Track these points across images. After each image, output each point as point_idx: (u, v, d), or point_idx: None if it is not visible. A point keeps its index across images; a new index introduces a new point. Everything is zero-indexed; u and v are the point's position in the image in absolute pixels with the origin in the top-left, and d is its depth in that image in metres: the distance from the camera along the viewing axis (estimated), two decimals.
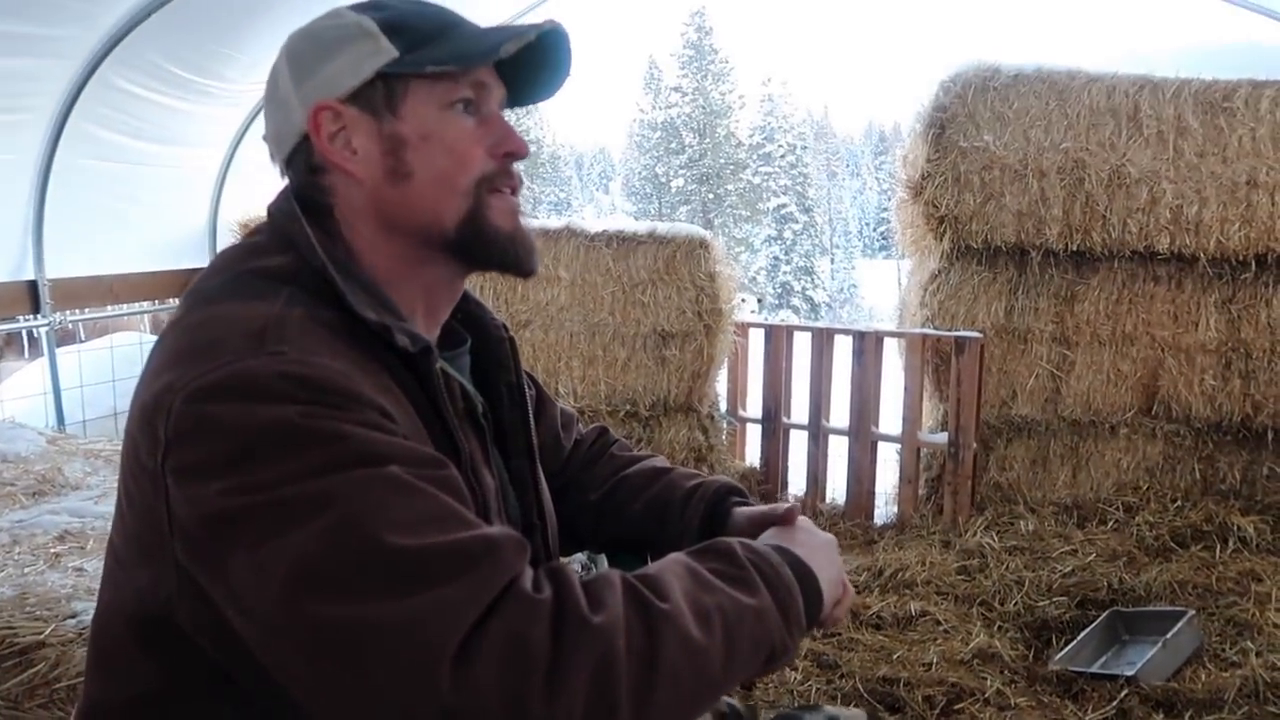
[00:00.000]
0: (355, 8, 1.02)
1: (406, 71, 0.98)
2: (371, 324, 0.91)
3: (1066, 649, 3.18)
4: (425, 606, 0.75)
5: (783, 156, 42.63)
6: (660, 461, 1.32)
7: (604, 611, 0.79)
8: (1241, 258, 4.48)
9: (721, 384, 5.22)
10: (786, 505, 1.13)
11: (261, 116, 1.10)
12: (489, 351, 1.15)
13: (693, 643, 0.82)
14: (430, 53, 0.98)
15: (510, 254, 1.03)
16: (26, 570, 2.15)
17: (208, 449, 0.81)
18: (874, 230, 50.70)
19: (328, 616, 0.76)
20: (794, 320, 31.35)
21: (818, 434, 4.79)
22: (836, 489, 4.88)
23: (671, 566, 0.90)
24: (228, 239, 4.99)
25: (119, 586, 0.94)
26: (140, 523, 0.89)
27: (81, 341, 5.01)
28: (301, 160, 1.01)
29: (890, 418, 4.69)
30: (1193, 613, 3.24)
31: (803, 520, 1.11)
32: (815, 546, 1.04)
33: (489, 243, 1.01)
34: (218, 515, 0.80)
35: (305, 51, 1.02)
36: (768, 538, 1.06)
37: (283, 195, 1.03)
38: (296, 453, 0.79)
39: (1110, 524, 4.33)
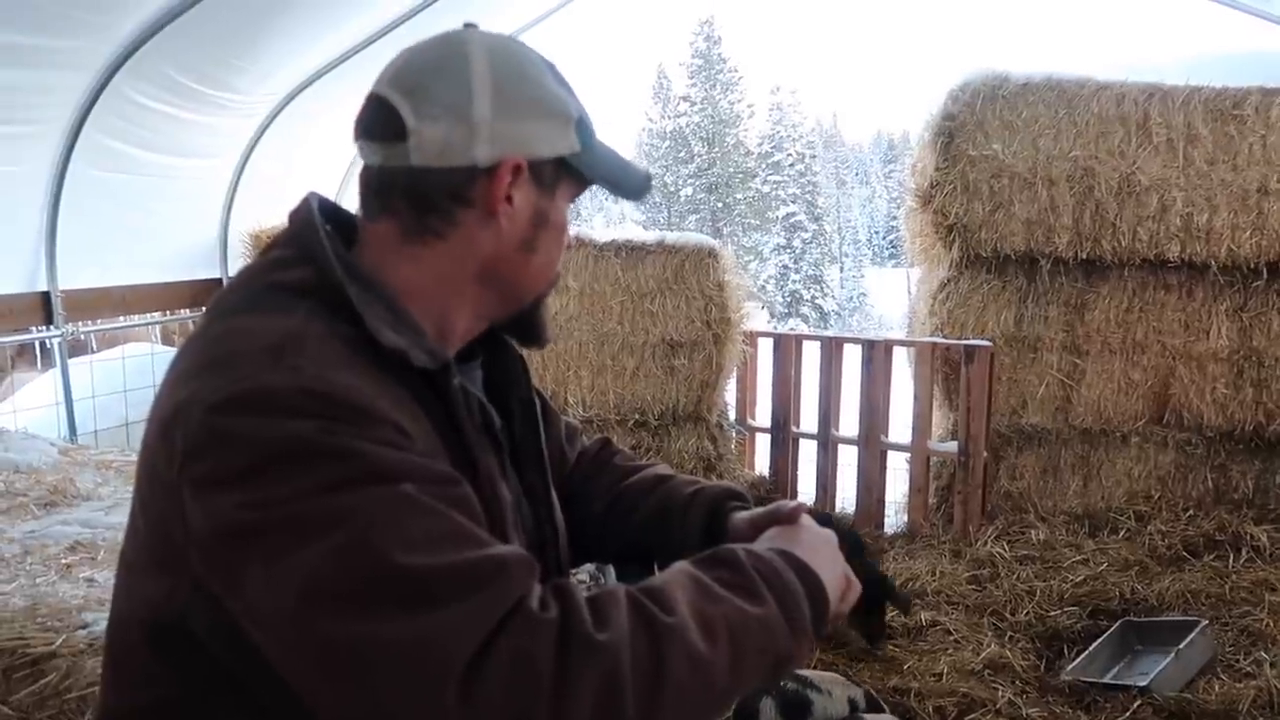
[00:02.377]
0: (550, 70, 1.03)
1: (577, 168, 1.03)
2: (387, 346, 0.91)
3: (1078, 659, 3.16)
4: (434, 626, 0.76)
5: (792, 165, 42.59)
6: (662, 469, 1.33)
7: (609, 629, 0.80)
8: (1253, 265, 4.46)
9: (730, 393, 5.22)
10: (792, 504, 1.13)
11: (273, 128, 1.10)
12: (501, 367, 1.16)
13: (698, 655, 0.82)
14: (595, 163, 1.05)
15: (542, 332, 1.14)
16: (38, 581, 2.15)
17: (224, 462, 0.82)
18: (883, 239, 50.61)
19: (338, 633, 0.77)
20: (803, 329, 31.31)
21: (827, 443, 4.78)
22: (846, 498, 4.87)
23: (677, 578, 0.90)
24: (239, 250, 5.01)
25: (131, 596, 0.95)
26: (155, 533, 0.90)
27: (93, 352, 5.04)
28: (451, 182, 0.98)
29: (900, 427, 4.68)
30: (1206, 623, 3.21)
31: (803, 518, 1.11)
32: (818, 547, 1.04)
33: (537, 321, 1.13)
34: (233, 529, 0.81)
35: (514, 92, 0.99)
36: (769, 538, 1.06)
37: (305, 205, 1.03)
38: (311, 469, 0.80)
39: (1122, 533, 4.30)
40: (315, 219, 0.99)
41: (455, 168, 0.97)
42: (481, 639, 0.76)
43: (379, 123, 0.98)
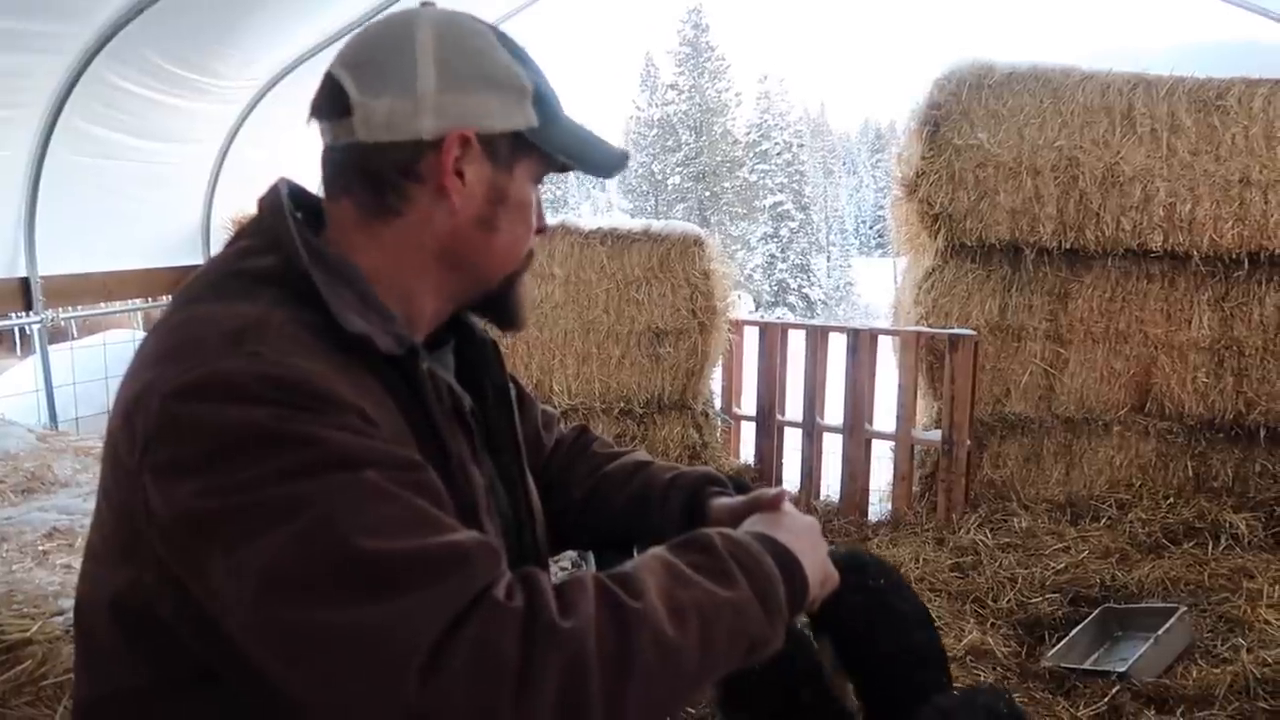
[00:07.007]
0: (505, 44, 1.00)
1: (535, 143, 1.00)
2: (352, 333, 0.90)
3: (1059, 646, 3.18)
4: (394, 613, 0.76)
5: (779, 154, 42.60)
6: (641, 455, 1.32)
7: (574, 615, 0.80)
8: (1234, 255, 4.49)
9: (716, 382, 5.22)
10: (774, 491, 1.12)
11: (256, 114, 1.08)
12: (473, 352, 1.16)
13: (666, 641, 0.82)
14: (557, 138, 1.02)
15: (517, 315, 1.11)
16: (14, 567, 2.14)
17: (183, 449, 0.81)
18: (870, 228, 50.73)
19: (299, 620, 0.76)
20: (789, 318, 31.39)
21: (812, 431, 4.79)
22: (831, 486, 4.89)
23: (648, 563, 0.90)
24: (221, 236, 4.98)
25: (99, 584, 0.94)
26: (120, 520, 0.89)
27: (74, 339, 5.01)
28: (399, 157, 0.97)
29: (884, 415, 4.70)
30: (1184, 609, 3.25)
31: (785, 505, 1.10)
32: (799, 532, 1.04)
33: (510, 303, 1.10)
34: (193, 516, 0.80)
35: (460, 65, 0.98)
36: (751, 525, 1.06)
37: (273, 191, 1.02)
38: (270, 456, 0.79)
39: (1103, 521, 4.33)
40: (283, 205, 0.98)
41: (401, 142, 0.96)
42: (443, 627, 0.76)
43: (327, 99, 0.99)
